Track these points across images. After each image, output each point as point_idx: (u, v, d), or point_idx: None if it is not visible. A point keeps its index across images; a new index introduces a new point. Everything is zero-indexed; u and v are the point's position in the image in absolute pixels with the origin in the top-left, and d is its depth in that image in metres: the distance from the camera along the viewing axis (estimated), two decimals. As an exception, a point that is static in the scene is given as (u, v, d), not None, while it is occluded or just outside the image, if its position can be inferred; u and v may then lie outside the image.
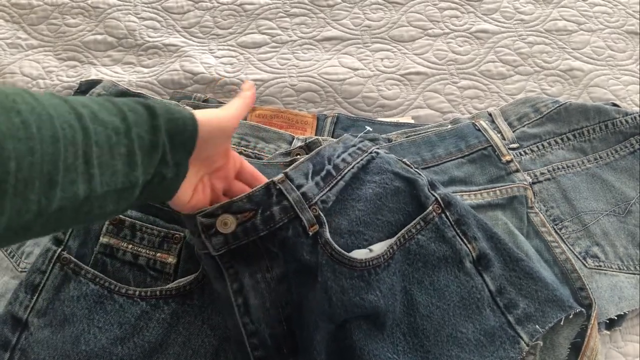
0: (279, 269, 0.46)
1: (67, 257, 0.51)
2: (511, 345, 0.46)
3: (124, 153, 0.34)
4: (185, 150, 0.39)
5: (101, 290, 0.50)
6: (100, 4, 0.83)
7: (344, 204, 0.49)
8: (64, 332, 0.48)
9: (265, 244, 0.46)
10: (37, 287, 0.50)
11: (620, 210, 0.61)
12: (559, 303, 0.48)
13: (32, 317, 0.49)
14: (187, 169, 0.40)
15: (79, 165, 0.31)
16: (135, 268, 0.51)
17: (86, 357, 0.47)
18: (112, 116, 0.34)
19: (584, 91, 0.76)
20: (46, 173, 0.29)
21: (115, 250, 0.52)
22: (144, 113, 0.36)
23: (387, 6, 0.85)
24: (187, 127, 0.38)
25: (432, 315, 0.47)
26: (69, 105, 0.32)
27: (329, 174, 0.49)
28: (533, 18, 0.84)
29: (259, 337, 0.45)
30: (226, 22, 0.83)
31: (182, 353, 0.48)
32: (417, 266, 0.49)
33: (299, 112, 0.71)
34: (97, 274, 0.50)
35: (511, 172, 0.62)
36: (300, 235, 0.46)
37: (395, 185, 0.51)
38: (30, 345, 0.48)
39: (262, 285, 0.46)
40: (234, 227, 0.45)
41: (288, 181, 0.47)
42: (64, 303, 0.49)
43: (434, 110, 0.74)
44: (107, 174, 0.33)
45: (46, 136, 0.29)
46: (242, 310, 0.45)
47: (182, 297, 0.50)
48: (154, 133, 0.36)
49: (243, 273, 0.45)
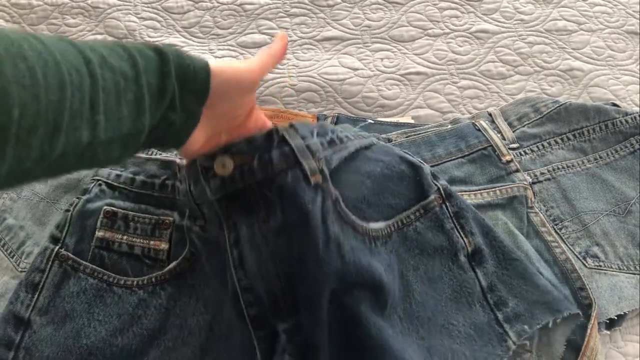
0: (275, 219, 0.43)
1: (65, 254, 0.51)
2: (499, 342, 0.46)
3: (131, 99, 0.33)
4: (196, 98, 0.38)
5: (100, 284, 0.50)
6: (100, 4, 0.83)
7: (355, 176, 0.48)
8: (65, 328, 0.48)
9: (263, 190, 0.44)
10: (37, 286, 0.50)
11: (620, 210, 0.61)
12: (548, 306, 0.48)
13: (34, 315, 0.49)
14: (198, 118, 0.39)
15: (84, 112, 0.30)
16: (132, 258, 0.52)
17: (87, 351, 0.47)
18: (121, 61, 0.33)
19: (584, 91, 0.76)
20: (51, 120, 0.28)
21: (111, 243, 0.52)
22: (155, 58, 0.35)
23: (387, 6, 0.85)
24: (199, 74, 0.37)
25: (426, 303, 0.47)
26: (77, 50, 0.31)
27: (332, 140, 0.48)
28: (533, 18, 0.84)
29: (254, 293, 0.43)
30: (226, 22, 0.83)
31: (179, 335, 0.48)
32: (413, 252, 0.49)
33: (299, 112, 0.71)
34: (96, 268, 0.51)
35: (511, 172, 0.62)
36: (300, 180, 0.43)
37: (401, 169, 0.51)
38: (34, 343, 0.48)
39: (259, 238, 0.43)
40: (231, 170, 0.43)
41: (293, 130, 0.45)
42: (64, 299, 0.50)
43: (434, 110, 0.74)
44: (113, 120, 0.32)
45: (52, 83, 0.28)
46: (237, 263, 0.44)
47: (176, 279, 0.50)
48: (162, 79, 0.35)
49: (240, 224, 0.44)
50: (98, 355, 0.47)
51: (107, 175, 0.55)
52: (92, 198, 0.54)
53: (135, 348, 0.48)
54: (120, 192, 0.54)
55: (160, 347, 0.48)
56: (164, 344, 0.48)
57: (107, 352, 0.47)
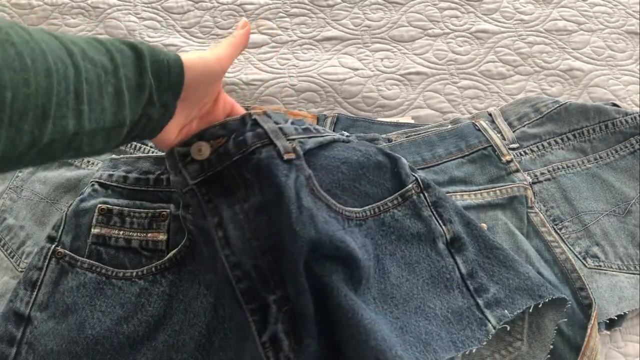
0: (255, 198, 0.45)
1: (61, 252, 0.51)
2: (478, 327, 0.47)
3: (111, 92, 0.34)
4: (172, 92, 0.39)
5: (99, 278, 0.51)
6: (100, 4, 0.83)
7: (330, 160, 0.49)
8: (68, 321, 0.49)
9: (240, 171, 0.46)
10: (36, 283, 0.50)
11: (620, 210, 0.61)
12: (530, 292, 0.48)
13: (34, 311, 0.49)
14: (174, 110, 0.40)
15: (70, 101, 0.31)
16: (130, 252, 0.52)
17: (93, 340, 0.48)
18: (100, 55, 0.34)
19: (584, 91, 0.76)
20: (40, 105, 0.29)
21: (108, 239, 0.52)
22: (130, 55, 0.36)
23: (387, 6, 0.85)
24: (172, 69, 0.38)
25: (401, 285, 0.48)
26: (59, 41, 0.32)
27: (307, 129, 0.50)
28: (533, 18, 0.84)
29: (242, 269, 0.44)
30: (226, 22, 0.83)
31: (184, 319, 0.49)
32: (390, 238, 0.50)
33: (299, 112, 0.71)
34: (93, 263, 0.51)
35: (511, 172, 0.62)
36: (274, 157, 0.45)
37: (379, 159, 0.52)
38: (37, 338, 0.48)
39: (241, 217, 0.45)
40: (207, 154, 0.45)
41: (265, 115, 0.47)
42: (64, 294, 0.50)
43: (434, 110, 0.74)
44: (97, 111, 0.33)
45: (40, 69, 0.29)
46: (223, 242, 0.45)
47: (177, 266, 0.51)
48: (140, 74, 0.36)
49: (221, 206, 0.46)
50: (105, 344, 0.48)
51: (99, 176, 0.56)
52: (85, 197, 0.54)
53: (142, 334, 0.48)
54: (113, 190, 0.55)
55: (167, 331, 0.49)
56: (170, 327, 0.49)
57: (114, 340, 0.48)
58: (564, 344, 0.52)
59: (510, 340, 0.49)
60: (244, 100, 0.75)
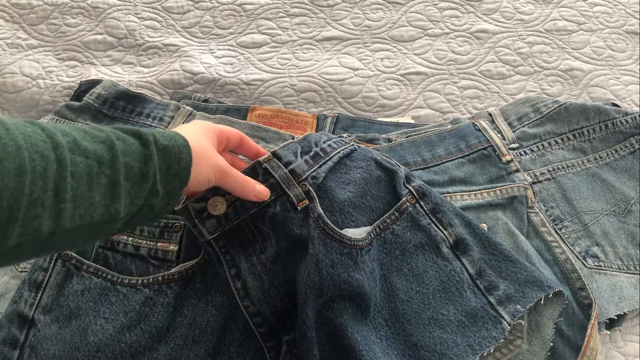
0: (272, 248, 0.47)
1: (68, 254, 0.51)
2: (493, 325, 0.47)
3: (104, 184, 0.32)
4: (180, 180, 0.38)
5: (104, 283, 0.50)
6: (100, 4, 0.83)
7: (336, 184, 0.50)
8: (71, 326, 0.48)
9: (257, 224, 0.47)
10: (41, 285, 0.50)
11: (620, 210, 0.61)
12: (538, 283, 0.49)
13: (38, 314, 0.49)
14: (179, 198, 0.39)
15: (46, 199, 0.29)
16: (137, 259, 0.52)
17: (95, 347, 0.47)
18: (96, 144, 0.33)
19: (584, 91, 0.76)
20: (6, 208, 0.27)
21: (116, 244, 0.52)
22: (135, 142, 0.35)
23: (387, 6, 0.85)
24: (182, 155, 0.37)
25: (411, 299, 0.48)
26: (46, 134, 0.30)
27: (317, 154, 0.50)
28: (533, 18, 0.84)
29: (262, 316, 0.47)
30: (226, 22, 0.83)
31: (189, 334, 0.49)
32: (394, 255, 0.50)
33: (299, 112, 0.71)
34: (99, 268, 0.51)
35: (511, 172, 0.62)
36: (288, 210, 0.47)
37: (378, 173, 0.53)
38: (39, 341, 0.48)
39: (259, 268, 0.47)
40: (224, 208, 0.46)
41: (275, 159, 0.48)
42: (68, 298, 0.50)
43: (434, 110, 0.74)
44: (83, 206, 0.31)
45: (9, 168, 0.27)
46: (242, 294, 0.47)
47: (185, 281, 0.51)
48: (144, 162, 0.35)
49: (239, 258, 0.47)
50: (107, 352, 0.47)
51: None
52: None
53: (144, 345, 0.48)
54: None
55: (170, 344, 0.48)
56: (173, 341, 0.48)
57: (115, 348, 0.48)
58: (564, 344, 0.52)
59: (510, 338, 0.50)
60: (244, 100, 0.75)
